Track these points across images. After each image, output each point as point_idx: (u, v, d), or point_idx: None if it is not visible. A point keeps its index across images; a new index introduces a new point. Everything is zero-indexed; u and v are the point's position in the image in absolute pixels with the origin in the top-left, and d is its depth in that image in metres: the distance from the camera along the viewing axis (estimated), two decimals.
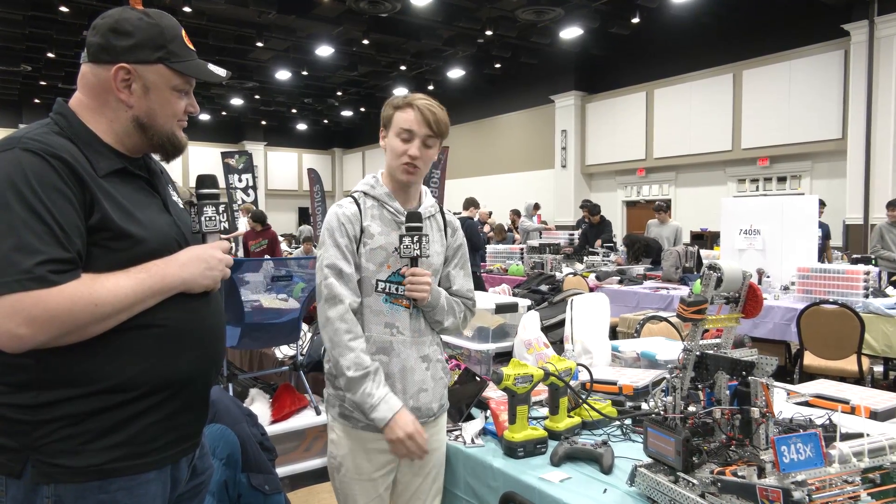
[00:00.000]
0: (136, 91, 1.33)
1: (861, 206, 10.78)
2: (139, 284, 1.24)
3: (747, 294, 1.61)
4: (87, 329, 1.20)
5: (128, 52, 1.31)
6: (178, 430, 1.37)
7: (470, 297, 1.99)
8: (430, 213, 1.93)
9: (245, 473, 2.37)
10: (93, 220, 1.23)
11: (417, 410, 1.83)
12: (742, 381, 1.47)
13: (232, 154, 13.61)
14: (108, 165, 1.30)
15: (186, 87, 1.39)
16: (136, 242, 1.28)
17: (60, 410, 1.22)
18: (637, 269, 7.46)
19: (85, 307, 1.17)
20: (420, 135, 1.80)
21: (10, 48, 14.25)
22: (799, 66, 11.85)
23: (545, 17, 12.73)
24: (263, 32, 13.44)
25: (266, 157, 24.44)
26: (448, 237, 1.97)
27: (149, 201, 1.37)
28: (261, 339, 3.43)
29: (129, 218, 1.28)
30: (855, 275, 4.88)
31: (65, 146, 1.25)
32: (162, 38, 1.33)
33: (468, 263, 2.04)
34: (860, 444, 1.35)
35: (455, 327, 1.97)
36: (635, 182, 15.41)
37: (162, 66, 1.33)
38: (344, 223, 1.81)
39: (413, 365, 1.84)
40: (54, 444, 1.22)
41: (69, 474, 1.23)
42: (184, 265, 1.33)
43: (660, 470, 1.52)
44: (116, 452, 1.26)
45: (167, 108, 1.37)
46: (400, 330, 1.83)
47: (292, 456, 3.14)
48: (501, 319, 2.78)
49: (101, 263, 1.24)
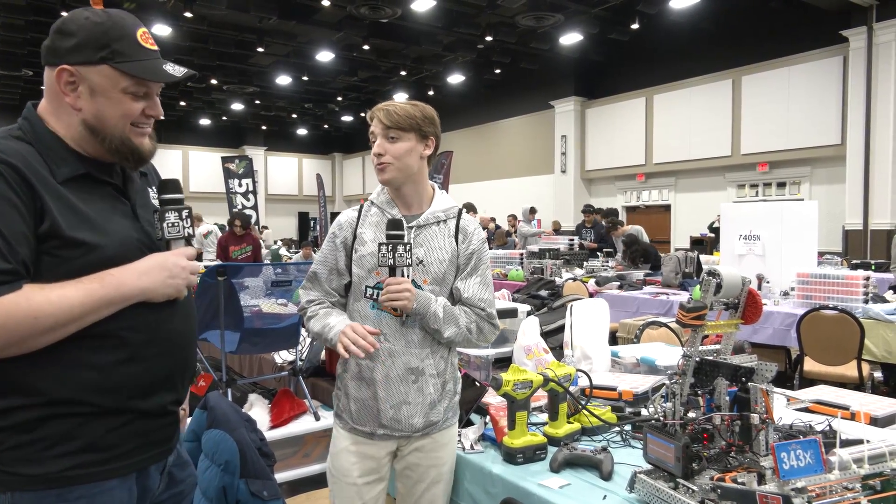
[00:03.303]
0: (82, 93, 1.26)
1: (860, 212, 10.79)
2: (88, 295, 1.19)
3: (747, 300, 1.61)
4: (27, 342, 1.15)
5: (69, 52, 1.25)
6: (141, 436, 1.32)
7: (482, 306, 1.86)
8: (440, 219, 1.88)
9: (243, 479, 2.36)
10: (42, 227, 1.18)
11: (396, 421, 1.80)
12: (742, 387, 1.47)
13: (232, 159, 13.66)
14: (69, 171, 1.25)
15: (140, 90, 1.30)
16: (90, 249, 1.22)
17: (13, 419, 1.19)
18: (637, 275, 7.45)
19: (23, 320, 1.13)
20: (379, 132, 1.81)
21: (11, 53, 14.29)
22: (798, 71, 11.89)
23: (545, 23, 12.78)
24: (264, 38, 13.48)
25: (266, 162, 24.48)
26: (459, 244, 1.88)
27: (113, 207, 1.31)
28: (260, 344, 3.42)
29: (84, 225, 1.22)
30: (854, 280, 4.87)
31: (19, 151, 1.20)
32: (106, 37, 1.25)
33: (487, 271, 1.91)
34: (860, 450, 1.35)
35: (463, 339, 1.85)
36: (635, 187, 15.43)
37: (106, 66, 1.25)
38: (335, 231, 1.91)
39: (399, 375, 1.80)
40: (9, 451, 1.19)
41: (25, 482, 1.20)
42: (143, 273, 1.27)
43: (659, 476, 1.51)
44: (74, 460, 1.23)
45: (116, 110, 1.28)
46: (388, 337, 1.81)
47: (291, 462, 3.13)
48: (501, 325, 2.77)
49: (54, 273, 1.19)
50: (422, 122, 1.81)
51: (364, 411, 1.83)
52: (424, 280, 1.83)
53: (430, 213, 1.87)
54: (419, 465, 1.86)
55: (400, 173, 1.83)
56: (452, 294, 1.88)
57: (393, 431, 1.82)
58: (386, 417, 1.80)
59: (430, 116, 1.84)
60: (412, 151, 1.82)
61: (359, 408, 1.84)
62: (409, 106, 1.82)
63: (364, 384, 1.83)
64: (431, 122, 1.84)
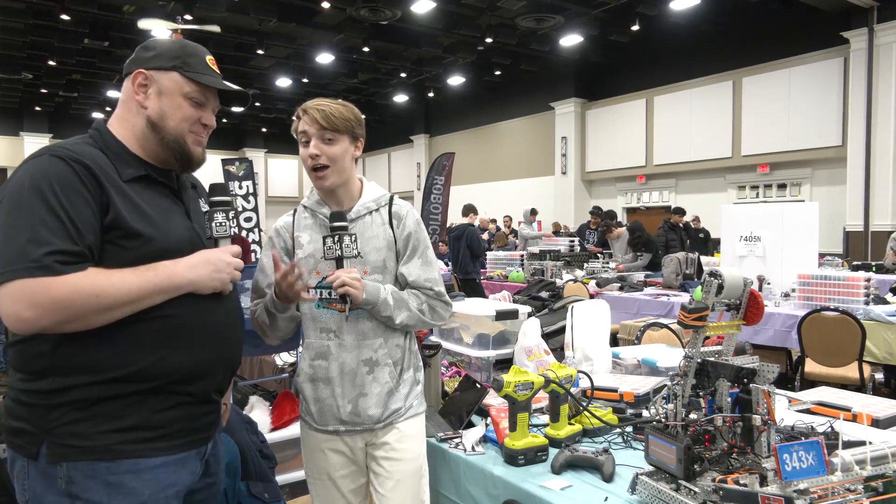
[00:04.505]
0: (150, 94, 1.47)
1: (861, 213, 10.80)
2: (145, 281, 1.34)
3: (748, 301, 1.61)
4: (89, 318, 1.29)
5: (148, 61, 1.48)
6: (186, 420, 1.44)
7: (428, 286, 1.87)
8: (371, 209, 1.88)
9: (245, 482, 2.36)
10: (107, 219, 1.34)
11: (356, 415, 1.81)
12: (743, 388, 1.46)
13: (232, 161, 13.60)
14: (133, 172, 1.42)
15: (201, 98, 1.50)
16: (147, 241, 1.37)
17: (73, 395, 1.32)
18: (637, 276, 7.46)
19: (87, 297, 1.26)
20: (314, 133, 1.80)
21: (11, 56, 14.32)
22: (799, 73, 11.90)
23: (545, 25, 12.79)
24: (264, 40, 13.50)
25: (266, 164, 24.50)
26: (395, 229, 1.88)
27: (170, 207, 1.48)
28: (261, 345, 3.42)
29: (143, 219, 1.38)
30: (855, 282, 4.87)
31: (92, 154, 1.38)
32: (182, 52, 1.49)
33: (427, 251, 1.90)
34: (862, 452, 1.35)
35: (417, 321, 1.85)
36: (635, 189, 15.43)
37: (176, 73, 1.47)
38: (273, 237, 1.94)
39: (353, 368, 1.81)
40: (66, 426, 1.32)
41: (79, 453, 1.32)
42: (192, 266, 1.42)
43: (661, 478, 1.51)
44: (124, 436, 1.35)
45: (178, 113, 1.47)
46: (337, 334, 1.82)
47: (292, 464, 3.12)
48: (502, 326, 2.77)
49: (115, 260, 1.34)
50: (355, 125, 1.83)
51: (325, 411, 1.84)
52: (364, 271, 1.82)
53: (360, 204, 1.88)
54: (388, 460, 1.83)
55: (338, 177, 1.84)
56: (398, 280, 1.89)
57: (355, 426, 1.83)
58: (345, 413, 1.81)
59: (360, 118, 1.86)
60: (346, 153, 1.83)
61: (319, 408, 1.85)
62: (341, 107, 1.83)
63: (320, 384, 1.84)
64: (361, 123, 1.87)
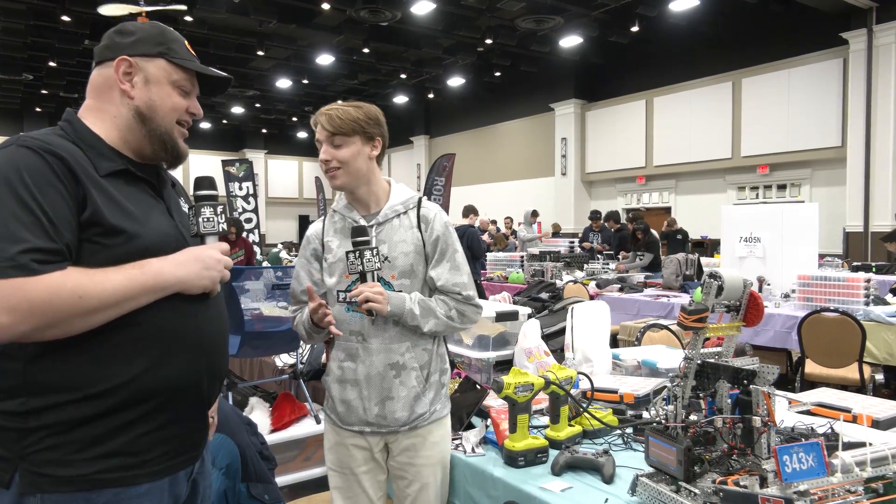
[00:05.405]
0: (137, 83, 1.36)
1: (861, 214, 10.80)
2: (130, 280, 1.22)
3: (748, 302, 1.61)
4: (71, 323, 1.17)
5: (130, 46, 1.36)
6: (172, 441, 1.34)
7: (457, 290, 1.85)
8: (399, 212, 1.88)
9: (244, 483, 2.36)
10: (84, 214, 1.22)
11: (382, 418, 1.83)
12: (743, 389, 1.46)
13: (232, 162, 13.61)
14: (111, 166, 1.31)
15: (188, 86, 1.42)
16: (130, 238, 1.26)
17: (50, 417, 1.20)
18: (637, 277, 7.46)
19: (68, 299, 1.15)
20: (323, 138, 1.82)
21: (11, 57, 14.31)
22: (798, 74, 11.90)
23: (545, 26, 12.79)
24: (264, 41, 13.51)
25: (266, 165, 24.49)
26: (423, 233, 1.86)
27: (151, 204, 1.37)
28: (261, 347, 3.43)
29: (124, 215, 1.27)
30: (855, 283, 4.87)
31: (65, 146, 1.26)
32: (163, 37, 1.39)
33: (456, 255, 1.88)
34: (863, 453, 1.35)
35: (446, 327, 1.85)
36: (635, 190, 15.43)
37: (163, 60, 1.38)
38: (305, 245, 1.98)
39: (380, 372, 1.81)
40: (43, 452, 1.20)
41: (56, 483, 1.20)
42: (180, 264, 1.31)
43: (661, 479, 1.51)
44: (106, 463, 1.24)
45: (167, 102, 1.39)
46: (365, 338, 1.83)
47: (292, 465, 3.12)
48: (502, 328, 2.77)
49: (94, 259, 1.22)
50: (365, 125, 1.81)
51: (350, 412, 1.86)
52: (392, 276, 1.83)
53: (388, 207, 1.88)
54: (411, 465, 1.86)
55: (351, 178, 1.84)
56: (427, 284, 1.88)
57: (380, 428, 1.84)
58: (371, 415, 1.83)
59: (373, 117, 1.84)
60: (359, 155, 1.82)
61: (345, 409, 1.86)
62: (351, 109, 1.82)
63: (348, 385, 1.85)
64: (376, 122, 1.84)
